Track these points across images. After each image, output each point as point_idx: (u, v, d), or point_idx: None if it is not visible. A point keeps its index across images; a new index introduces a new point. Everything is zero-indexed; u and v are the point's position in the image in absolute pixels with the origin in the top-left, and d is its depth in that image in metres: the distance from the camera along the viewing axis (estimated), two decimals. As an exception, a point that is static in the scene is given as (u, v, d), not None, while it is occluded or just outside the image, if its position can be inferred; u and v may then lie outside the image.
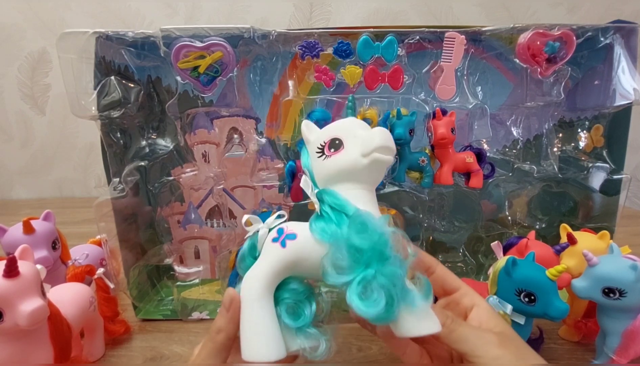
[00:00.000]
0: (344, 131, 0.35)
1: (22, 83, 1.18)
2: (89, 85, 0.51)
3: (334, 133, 0.35)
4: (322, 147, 0.35)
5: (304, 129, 0.37)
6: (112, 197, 0.53)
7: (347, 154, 0.33)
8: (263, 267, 0.34)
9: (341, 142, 0.34)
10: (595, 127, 0.60)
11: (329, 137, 0.35)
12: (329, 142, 0.34)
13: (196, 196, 0.62)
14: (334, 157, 0.34)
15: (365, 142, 0.33)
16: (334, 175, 0.34)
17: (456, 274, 0.38)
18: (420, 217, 0.61)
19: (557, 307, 0.38)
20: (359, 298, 0.29)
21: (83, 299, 0.46)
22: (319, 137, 0.36)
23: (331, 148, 0.34)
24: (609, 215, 0.59)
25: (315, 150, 0.35)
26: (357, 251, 0.30)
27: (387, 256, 0.29)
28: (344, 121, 0.36)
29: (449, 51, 0.52)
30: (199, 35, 0.49)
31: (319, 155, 0.35)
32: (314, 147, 0.35)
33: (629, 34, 0.54)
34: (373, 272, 0.29)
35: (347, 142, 0.34)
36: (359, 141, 0.33)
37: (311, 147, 0.36)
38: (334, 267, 0.30)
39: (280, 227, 0.35)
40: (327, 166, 0.34)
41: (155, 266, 0.63)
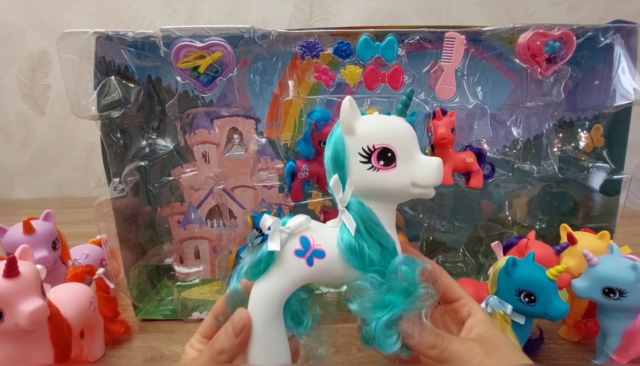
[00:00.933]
0: (400, 144, 0.30)
1: (22, 83, 1.18)
2: (89, 85, 0.51)
3: (387, 141, 0.30)
4: (369, 154, 0.30)
5: (347, 109, 0.30)
6: (112, 197, 0.53)
7: (397, 176, 0.30)
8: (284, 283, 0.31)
9: (394, 157, 0.30)
10: (595, 127, 0.60)
11: (380, 145, 0.30)
12: (380, 151, 0.30)
13: (196, 196, 0.62)
14: (382, 174, 0.30)
15: (422, 174, 0.30)
16: (375, 191, 0.31)
17: (456, 275, 0.38)
18: (420, 217, 0.61)
19: (557, 307, 0.38)
20: (382, 336, 0.29)
21: (83, 300, 0.46)
22: (368, 137, 0.30)
23: (380, 160, 0.30)
24: (609, 215, 0.59)
25: (360, 152, 0.30)
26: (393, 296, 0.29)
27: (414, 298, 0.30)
28: (400, 128, 0.31)
29: (449, 51, 0.52)
30: (199, 36, 0.49)
31: (364, 162, 0.30)
32: (358, 147, 0.30)
33: (629, 34, 0.54)
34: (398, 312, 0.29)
35: (401, 161, 0.30)
36: (415, 167, 0.30)
37: (353, 145, 0.30)
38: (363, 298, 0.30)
39: (304, 236, 0.31)
40: (372, 180, 0.30)
41: (155, 266, 0.63)
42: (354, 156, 0.30)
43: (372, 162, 0.30)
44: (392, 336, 0.29)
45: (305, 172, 0.51)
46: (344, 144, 0.31)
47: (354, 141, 0.31)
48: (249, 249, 0.52)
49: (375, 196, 0.31)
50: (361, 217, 0.30)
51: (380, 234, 0.30)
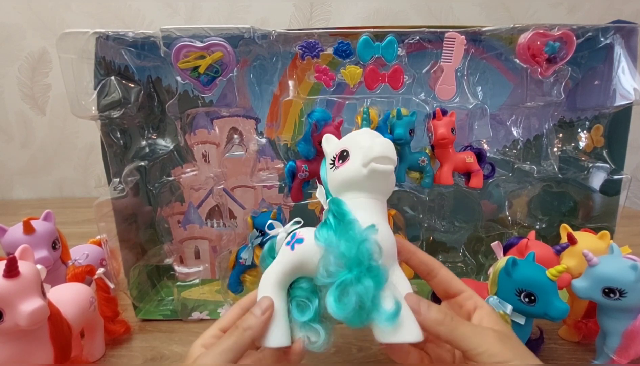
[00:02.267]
0: (352, 142, 0.36)
1: (23, 83, 1.18)
2: (89, 85, 0.51)
3: (344, 145, 0.36)
4: (333, 159, 0.37)
5: (324, 142, 0.40)
6: (112, 197, 0.53)
7: (351, 164, 0.35)
8: (275, 267, 0.37)
9: (348, 154, 0.35)
10: (595, 128, 0.60)
11: (340, 149, 0.36)
12: (339, 154, 0.36)
13: (196, 196, 0.62)
14: (341, 168, 0.35)
15: (365, 152, 0.34)
16: (341, 185, 0.36)
17: (456, 275, 0.38)
18: (420, 217, 0.61)
19: (557, 307, 0.38)
20: (334, 300, 0.31)
21: (83, 300, 0.46)
22: (334, 149, 0.38)
23: (340, 159, 0.36)
24: (609, 215, 0.59)
25: (329, 161, 0.37)
26: (341, 257, 0.32)
27: (367, 265, 0.31)
28: (355, 132, 0.38)
29: (449, 51, 0.52)
30: (199, 36, 0.49)
31: (331, 166, 0.37)
32: (329, 159, 0.38)
33: (629, 34, 0.54)
34: (351, 277, 0.31)
35: (352, 154, 0.35)
36: (361, 151, 0.34)
37: (327, 159, 0.38)
38: (324, 269, 0.33)
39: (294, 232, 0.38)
40: (336, 177, 0.36)
41: (155, 266, 0.63)
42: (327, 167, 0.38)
43: (335, 164, 0.36)
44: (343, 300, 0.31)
45: (305, 173, 0.51)
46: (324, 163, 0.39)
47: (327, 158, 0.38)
48: (249, 249, 0.52)
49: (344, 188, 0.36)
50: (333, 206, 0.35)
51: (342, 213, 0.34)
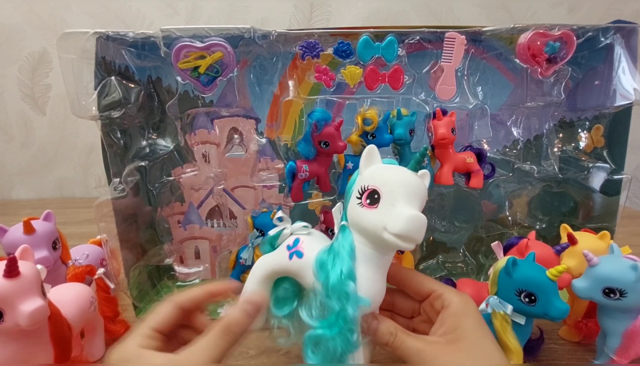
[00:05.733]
0: (388, 190, 0.32)
1: (23, 83, 1.18)
2: (90, 85, 0.51)
3: (377, 184, 0.33)
4: (363, 191, 0.33)
5: (366, 155, 0.36)
6: (112, 197, 0.53)
7: (375, 217, 0.32)
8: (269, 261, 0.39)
9: (378, 200, 0.32)
10: (595, 128, 0.60)
11: (372, 186, 0.33)
12: (370, 191, 0.33)
13: (196, 196, 0.62)
14: (365, 211, 0.33)
15: (392, 220, 0.31)
16: (359, 226, 0.34)
17: (456, 275, 0.38)
18: (420, 217, 0.61)
19: (558, 307, 0.38)
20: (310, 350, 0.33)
21: (83, 300, 0.46)
22: (366, 179, 0.34)
23: (368, 199, 0.33)
24: (610, 215, 0.59)
25: (358, 189, 0.34)
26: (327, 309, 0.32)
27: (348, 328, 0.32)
28: (394, 176, 0.34)
29: (449, 51, 0.52)
30: (199, 36, 0.49)
31: (358, 196, 0.34)
32: (359, 186, 0.34)
33: (630, 34, 0.54)
34: (329, 335, 0.32)
35: (383, 205, 0.32)
36: (391, 213, 0.31)
37: (359, 183, 0.35)
38: (309, 308, 0.34)
39: (298, 238, 0.38)
40: (357, 213, 0.34)
41: (155, 266, 0.63)
42: (355, 192, 0.35)
43: (362, 199, 0.33)
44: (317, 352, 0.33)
45: (305, 173, 0.51)
46: (355, 180, 0.36)
47: (360, 179, 0.35)
48: (249, 249, 0.52)
49: (358, 229, 0.34)
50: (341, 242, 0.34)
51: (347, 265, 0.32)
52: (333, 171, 0.55)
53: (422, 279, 0.38)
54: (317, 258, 0.35)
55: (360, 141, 0.53)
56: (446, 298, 0.35)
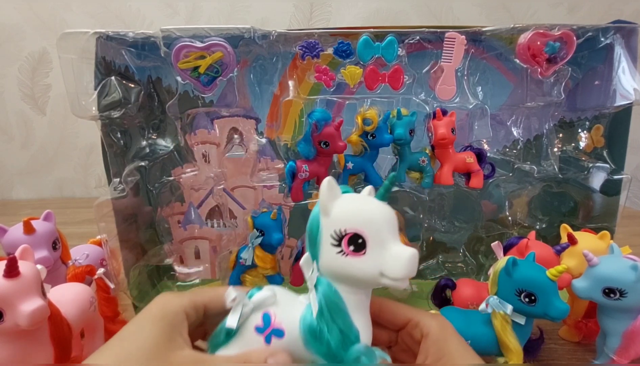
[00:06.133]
0: (372, 231, 0.29)
1: (23, 83, 1.18)
2: (90, 85, 0.51)
3: (359, 227, 0.29)
4: (340, 238, 0.29)
5: (325, 190, 0.30)
6: (112, 197, 0.53)
7: (366, 264, 0.29)
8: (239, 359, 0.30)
9: (364, 244, 0.28)
10: (595, 128, 0.60)
11: (353, 230, 0.29)
12: (351, 236, 0.29)
13: (196, 196, 0.62)
14: (352, 260, 0.29)
15: (391, 266, 0.28)
16: (343, 276, 0.30)
17: (456, 275, 0.38)
18: (420, 217, 0.61)
19: (558, 307, 0.38)
20: None
21: (83, 300, 0.46)
22: (340, 220, 0.29)
23: (350, 245, 0.29)
24: (610, 215, 0.59)
25: (332, 234, 0.29)
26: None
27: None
28: (376, 214, 0.30)
29: (449, 51, 0.52)
30: (199, 36, 0.49)
31: (335, 245, 0.29)
32: (330, 230, 0.29)
33: (630, 34, 0.54)
34: None
35: (371, 249, 0.29)
36: (386, 257, 0.28)
37: (327, 226, 0.30)
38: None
39: (267, 312, 0.31)
40: (340, 264, 0.29)
41: (155, 266, 0.63)
42: (327, 238, 0.29)
43: (342, 246, 0.29)
44: None
45: (305, 173, 0.51)
46: (319, 223, 0.30)
47: (328, 222, 0.30)
48: (249, 249, 0.52)
49: (344, 280, 0.30)
50: (326, 299, 0.30)
51: (343, 320, 0.29)
52: (333, 171, 0.55)
53: (395, 308, 0.36)
54: (304, 329, 0.30)
55: (360, 141, 0.53)
56: (424, 326, 0.33)
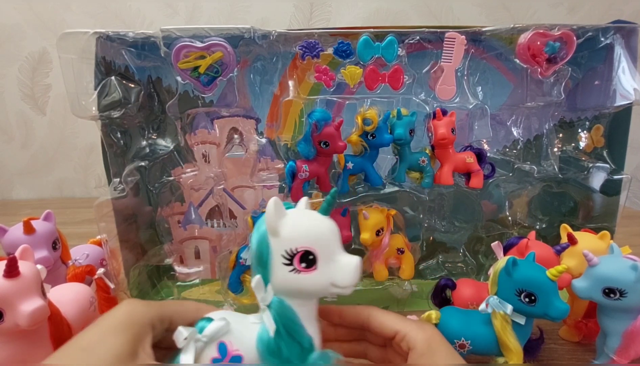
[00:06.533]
0: (322, 246, 0.31)
1: (23, 83, 1.18)
2: (90, 85, 0.51)
3: (309, 245, 0.30)
4: (291, 256, 0.30)
5: (271, 211, 0.30)
6: (112, 197, 0.53)
7: (318, 278, 0.31)
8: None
9: (315, 260, 0.30)
10: (595, 128, 0.60)
11: (303, 248, 0.30)
12: (302, 254, 0.30)
13: (196, 196, 0.62)
14: (304, 276, 0.30)
15: (341, 276, 0.31)
16: (297, 292, 0.31)
17: (456, 275, 0.38)
18: (420, 217, 0.61)
19: (558, 307, 0.38)
20: None
21: (83, 300, 0.46)
22: (291, 240, 0.31)
23: (302, 262, 0.30)
24: (610, 215, 0.59)
25: (283, 254, 0.30)
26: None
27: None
28: (323, 229, 0.32)
29: (449, 51, 0.52)
30: (199, 36, 0.49)
31: (287, 264, 0.30)
32: (281, 250, 0.31)
33: (630, 34, 0.54)
34: None
35: (322, 263, 0.30)
36: (335, 268, 0.31)
37: (277, 246, 0.31)
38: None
39: (222, 342, 0.31)
40: (293, 281, 0.31)
41: (155, 266, 0.63)
42: (277, 257, 0.31)
43: (294, 264, 0.30)
44: None
45: (305, 173, 0.51)
46: (269, 244, 0.31)
47: (277, 242, 0.31)
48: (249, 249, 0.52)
49: (297, 295, 0.32)
50: (281, 318, 0.31)
51: (299, 333, 0.31)
52: (333, 171, 0.55)
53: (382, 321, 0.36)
54: (262, 350, 0.31)
55: (360, 141, 0.53)
56: (410, 339, 0.34)
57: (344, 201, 0.56)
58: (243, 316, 0.33)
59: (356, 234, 0.56)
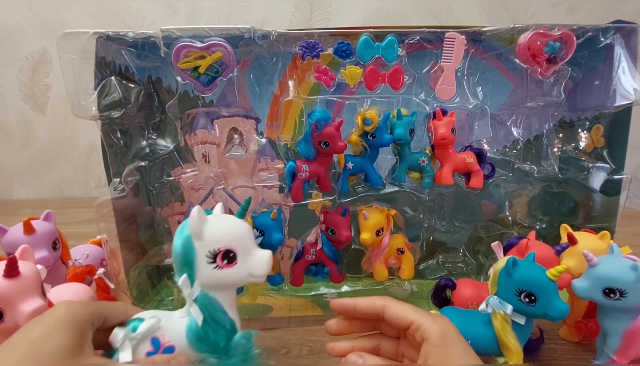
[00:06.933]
0: (239, 245, 0.36)
1: (23, 83, 1.18)
2: (90, 85, 0.51)
3: (230, 244, 0.35)
4: (214, 255, 0.35)
5: (195, 219, 0.34)
6: (112, 197, 0.53)
7: (239, 270, 0.36)
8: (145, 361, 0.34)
9: (235, 257, 0.36)
10: (595, 128, 0.60)
11: (225, 247, 0.35)
12: (224, 252, 0.35)
13: (196, 197, 0.62)
14: (227, 271, 0.35)
15: (257, 267, 0.36)
16: (221, 285, 0.36)
17: (456, 275, 0.38)
18: (420, 217, 0.61)
19: (558, 307, 0.38)
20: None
21: (83, 300, 0.46)
22: (212, 242, 0.35)
23: (224, 259, 0.35)
24: (610, 215, 0.59)
25: (206, 254, 0.35)
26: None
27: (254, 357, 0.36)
28: (240, 230, 0.37)
29: (449, 51, 0.52)
30: (199, 36, 0.49)
31: (210, 262, 0.35)
32: (205, 251, 0.35)
33: (630, 34, 0.54)
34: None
35: (241, 258, 0.36)
36: (251, 261, 0.36)
37: (201, 248, 0.35)
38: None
39: (155, 337, 0.35)
40: (217, 276, 0.35)
41: (155, 266, 0.63)
42: (202, 257, 0.35)
43: (217, 262, 0.35)
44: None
45: (305, 173, 0.51)
46: (193, 247, 0.35)
47: (201, 244, 0.35)
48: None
49: (219, 287, 0.36)
50: (208, 309, 0.36)
51: (223, 319, 0.36)
52: (333, 171, 0.55)
53: (397, 311, 0.36)
54: (192, 338, 0.35)
55: (360, 141, 0.53)
56: (425, 330, 0.34)
57: (344, 201, 0.56)
58: (170, 313, 0.37)
59: (356, 234, 0.56)
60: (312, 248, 0.55)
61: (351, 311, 0.38)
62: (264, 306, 0.60)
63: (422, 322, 0.35)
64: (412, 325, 0.35)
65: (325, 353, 0.49)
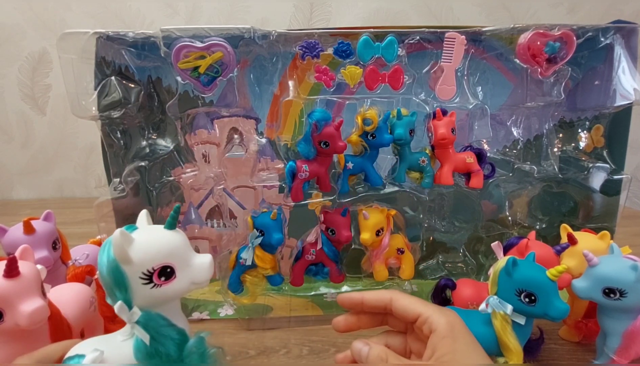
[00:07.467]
0: (176, 258, 0.33)
1: (23, 83, 1.18)
2: (90, 85, 0.52)
3: (165, 260, 0.33)
4: (149, 275, 0.32)
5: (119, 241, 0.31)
6: (112, 197, 0.53)
7: (180, 283, 0.34)
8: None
9: (173, 271, 0.33)
10: (595, 128, 0.60)
11: (160, 265, 0.32)
12: (159, 270, 0.32)
13: (196, 196, 0.62)
14: (166, 287, 0.33)
15: (199, 274, 0.34)
16: (162, 301, 0.34)
17: (456, 275, 0.38)
18: (420, 217, 0.61)
19: (558, 307, 0.38)
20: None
21: (83, 300, 0.46)
22: (144, 262, 0.32)
23: (161, 277, 0.33)
24: (610, 215, 0.59)
25: (140, 276, 0.32)
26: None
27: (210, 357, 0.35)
28: (173, 243, 0.34)
29: (449, 51, 0.52)
30: (199, 36, 0.49)
31: (146, 283, 0.32)
32: (138, 273, 0.32)
33: (630, 34, 0.54)
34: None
35: (179, 271, 0.33)
36: (192, 270, 0.34)
37: (133, 271, 0.32)
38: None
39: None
40: (156, 295, 0.33)
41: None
42: (136, 280, 0.32)
43: (154, 281, 0.32)
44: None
45: (305, 173, 0.51)
46: (122, 271, 0.32)
47: (132, 268, 0.32)
48: (249, 249, 0.52)
49: (160, 303, 0.34)
50: (152, 327, 0.33)
51: (171, 332, 0.34)
52: (333, 171, 0.55)
53: (405, 304, 0.36)
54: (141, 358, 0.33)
55: (360, 141, 0.53)
56: (432, 322, 0.34)
57: (344, 201, 0.56)
58: (111, 337, 0.35)
59: (356, 234, 0.56)
60: (312, 248, 0.55)
61: (359, 305, 0.38)
62: (264, 306, 0.60)
63: (429, 314, 0.35)
64: (420, 317, 0.35)
65: (325, 353, 0.50)
